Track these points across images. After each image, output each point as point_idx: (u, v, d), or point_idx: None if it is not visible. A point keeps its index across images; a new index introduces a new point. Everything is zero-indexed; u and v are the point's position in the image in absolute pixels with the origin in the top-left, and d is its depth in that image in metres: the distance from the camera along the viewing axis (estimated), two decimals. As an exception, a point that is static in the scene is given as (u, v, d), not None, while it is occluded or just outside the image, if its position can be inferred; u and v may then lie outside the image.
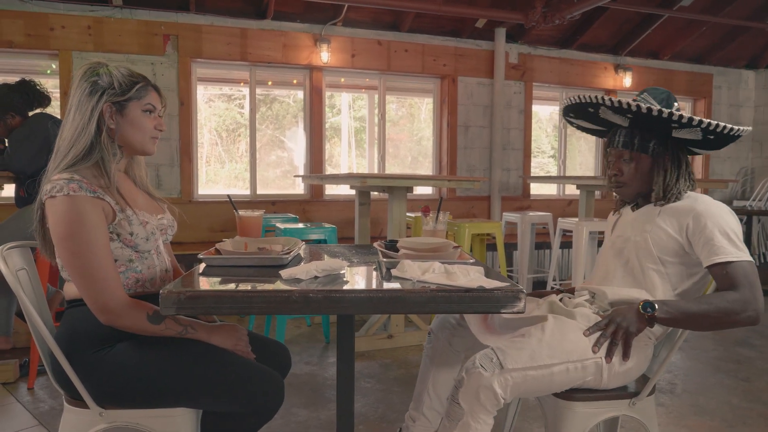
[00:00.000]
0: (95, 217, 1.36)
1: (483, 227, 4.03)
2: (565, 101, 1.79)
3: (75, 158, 1.42)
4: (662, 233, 1.61)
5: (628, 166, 1.69)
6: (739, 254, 1.48)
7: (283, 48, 5.08)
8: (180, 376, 1.38)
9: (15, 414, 2.50)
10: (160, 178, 4.83)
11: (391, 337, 3.50)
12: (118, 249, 1.43)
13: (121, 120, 1.48)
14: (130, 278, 1.46)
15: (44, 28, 4.44)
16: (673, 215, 1.61)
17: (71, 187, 1.34)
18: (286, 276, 1.29)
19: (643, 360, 1.58)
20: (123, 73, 1.49)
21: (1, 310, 2.94)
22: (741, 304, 1.44)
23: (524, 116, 5.99)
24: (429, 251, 1.56)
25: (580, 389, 1.51)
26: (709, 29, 6.20)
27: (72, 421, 1.42)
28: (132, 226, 1.44)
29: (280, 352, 1.70)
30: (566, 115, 1.88)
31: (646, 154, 1.66)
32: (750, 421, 2.50)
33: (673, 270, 1.61)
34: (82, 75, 1.48)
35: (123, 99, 1.47)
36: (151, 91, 1.54)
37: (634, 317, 1.49)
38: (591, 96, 1.66)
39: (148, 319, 1.37)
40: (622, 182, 1.71)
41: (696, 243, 1.55)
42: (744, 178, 7.13)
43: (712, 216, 1.54)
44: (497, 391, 1.38)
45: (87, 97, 1.45)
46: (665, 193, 1.65)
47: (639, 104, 1.57)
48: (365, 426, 2.40)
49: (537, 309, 1.69)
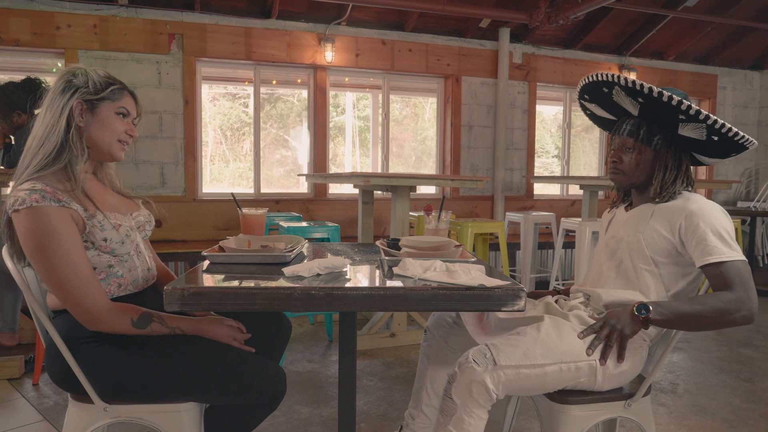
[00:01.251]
0: (63, 225, 1.32)
1: (486, 227, 4.04)
2: (582, 82, 1.77)
3: (45, 158, 1.38)
4: (655, 234, 1.61)
5: (629, 155, 1.68)
6: (732, 254, 1.48)
7: (288, 47, 5.10)
8: (183, 370, 1.39)
9: (20, 409, 2.52)
10: (165, 177, 4.85)
11: (393, 335, 3.52)
12: (95, 257, 1.41)
13: (91, 119, 1.45)
14: (112, 284, 1.44)
15: (50, 26, 4.47)
16: (665, 215, 1.61)
17: (33, 198, 1.30)
18: (288, 273, 1.30)
19: (639, 361, 1.58)
20: (100, 75, 1.47)
21: (7, 306, 2.97)
22: (735, 303, 1.44)
23: (528, 116, 5.99)
24: (431, 250, 1.57)
25: (575, 391, 1.51)
26: (714, 30, 6.19)
27: (77, 417, 1.43)
28: (104, 231, 1.41)
29: (278, 321, 1.71)
30: (581, 97, 1.86)
31: (649, 147, 1.66)
32: (751, 422, 2.50)
33: (666, 271, 1.61)
34: (59, 77, 1.46)
35: (95, 98, 1.45)
36: (126, 96, 1.51)
37: (628, 319, 1.49)
38: (607, 74, 1.65)
39: (132, 324, 1.37)
40: (620, 170, 1.71)
41: (689, 243, 1.55)
42: (748, 179, 7.11)
43: (705, 215, 1.54)
44: (489, 387, 1.38)
45: (59, 94, 1.43)
46: (661, 191, 1.65)
47: (651, 87, 1.55)
48: (367, 424, 2.42)
49: (533, 309, 1.70)
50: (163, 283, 1.66)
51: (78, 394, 1.41)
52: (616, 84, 1.64)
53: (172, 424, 1.42)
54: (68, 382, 1.40)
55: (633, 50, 6.21)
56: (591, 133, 6.69)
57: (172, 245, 4.54)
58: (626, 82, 1.60)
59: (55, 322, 1.42)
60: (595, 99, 1.81)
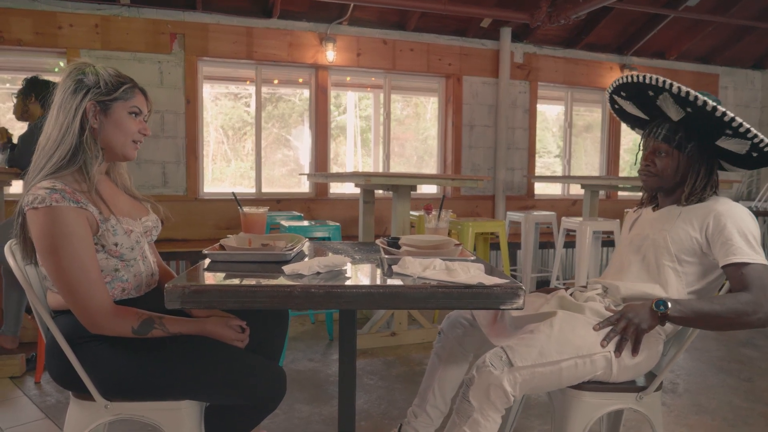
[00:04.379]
0: (80, 228, 1.33)
1: (486, 226, 4.04)
2: (622, 79, 1.72)
3: (60, 160, 1.38)
4: (682, 232, 1.61)
5: (662, 160, 1.67)
6: (755, 257, 1.49)
7: (289, 47, 5.11)
8: (184, 369, 1.40)
9: (22, 407, 2.53)
10: (166, 176, 4.86)
11: (394, 334, 3.52)
12: (103, 260, 1.41)
13: (105, 120, 1.44)
14: (116, 288, 1.45)
15: (52, 26, 4.48)
16: (693, 215, 1.62)
17: (54, 198, 1.31)
18: (288, 272, 1.31)
19: (654, 355, 1.59)
20: (110, 73, 1.46)
21: (11, 306, 2.96)
22: (753, 306, 1.45)
23: (529, 116, 5.99)
24: (430, 248, 1.58)
25: (590, 380, 1.53)
26: (716, 29, 6.18)
27: (78, 414, 1.43)
28: (116, 236, 1.42)
29: (278, 319, 1.72)
30: (617, 92, 1.80)
31: (683, 153, 1.64)
32: (751, 421, 2.50)
33: (689, 269, 1.62)
34: (68, 74, 1.45)
35: (108, 99, 1.43)
36: (137, 94, 1.50)
37: (646, 314, 1.50)
38: (658, 79, 1.60)
39: (133, 332, 1.38)
40: (652, 173, 1.69)
41: (714, 242, 1.55)
42: (749, 179, 7.11)
43: (733, 217, 1.54)
44: (507, 389, 1.41)
45: (71, 95, 1.42)
46: (690, 195, 1.65)
47: (706, 99, 1.53)
48: (367, 422, 2.42)
49: (546, 305, 1.71)
50: (165, 283, 1.66)
51: (79, 392, 1.42)
52: (667, 91, 1.59)
53: (173, 421, 1.43)
54: (69, 381, 1.40)
55: (634, 50, 6.21)
56: (593, 132, 6.68)
57: (174, 244, 4.55)
58: (679, 91, 1.56)
59: (56, 321, 1.42)
60: (632, 98, 1.77)
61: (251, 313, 1.63)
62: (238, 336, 1.52)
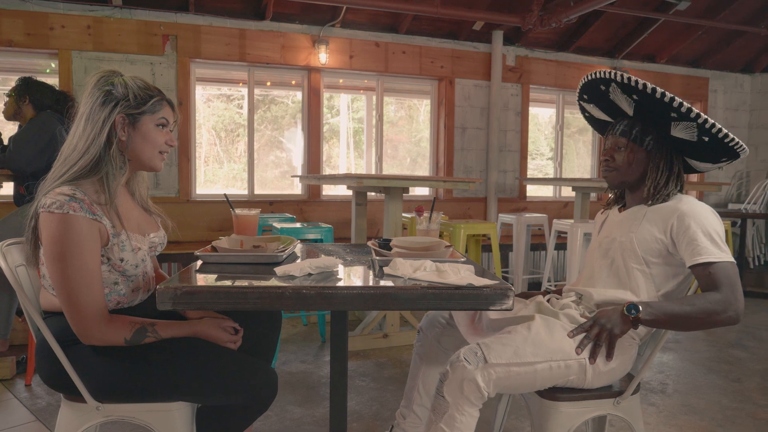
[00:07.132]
0: (90, 239, 1.34)
1: (478, 228, 4.06)
2: (582, 79, 1.80)
3: (82, 169, 1.39)
4: (647, 234, 1.63)
5: (621, 154, 1.70)
6: (721, 255, 1.51)
7: (282, 49, 5.11)
8: (175, 370, 1.40)
9: (12, 410, 2.52)
10: (159, 178, 4.85)
11: (386, 336, 3.53)
12: (105, 272, 1.42)
13: (133, 132, 1.45)
14: (112, 300, 1.46)
15: (44, 27, 4.46)
16: (657, 216, 1.64)
17: (72, 206, 1.32)
18: (280, 273, 1.32)
19: (628, 360, 1.60)
20: (139, 86, 1.46)
21: (2, 305, 2.94)
22: (723, 304, 1.47)
23: (521, 118, 6.03)
24: (421, 250, 1.59)
25: (565, 389, 1.53)
26: (705, 33, 6.24)
27: (69, 416, 1.43)
28: (124, 252, 1.42)
29: (271, 321, 1.73)
30: (580, 97, 1.88)
31: (641, 146, 1.68)
32: (739, 421, 2.53)
33: (657, 271, 1.64)
34: (96, 83, 1.44)
35: (137, 112, 1.44)
36: (165, 106, 1.51)
37: (618, 319, 1.51)
38: (605, 71, 1.68)
39: (126, 343, 1.38)
40: (611, 167, 1.73)
41: (679, 243, 1.57)
42: (739, 182, 7.17)
43: (696, 216, 1.56)
44: (480, 384, 1.40)
45: (100, 106, 1.42)
46: (654, 192, 1.67)
47: (645, 83, 1.58)
48: (359, 423, 2.43)
49: (524, 309, 1.72)
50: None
51: (70, 393, 1.42)
52: (613, 81, 1.66)
53: (164, 423, 1.43)
54: (59, 382, 1.40)
55: (625, 53, 6.26)
56: (585, 135, 6.73)
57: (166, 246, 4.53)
58: (622, 78, 1.63)
59: (48, 322, 1.42)
60: (593, 99, 1.83)
61: (244, 314, 1.64)
62: (231, 337, 1.52)
